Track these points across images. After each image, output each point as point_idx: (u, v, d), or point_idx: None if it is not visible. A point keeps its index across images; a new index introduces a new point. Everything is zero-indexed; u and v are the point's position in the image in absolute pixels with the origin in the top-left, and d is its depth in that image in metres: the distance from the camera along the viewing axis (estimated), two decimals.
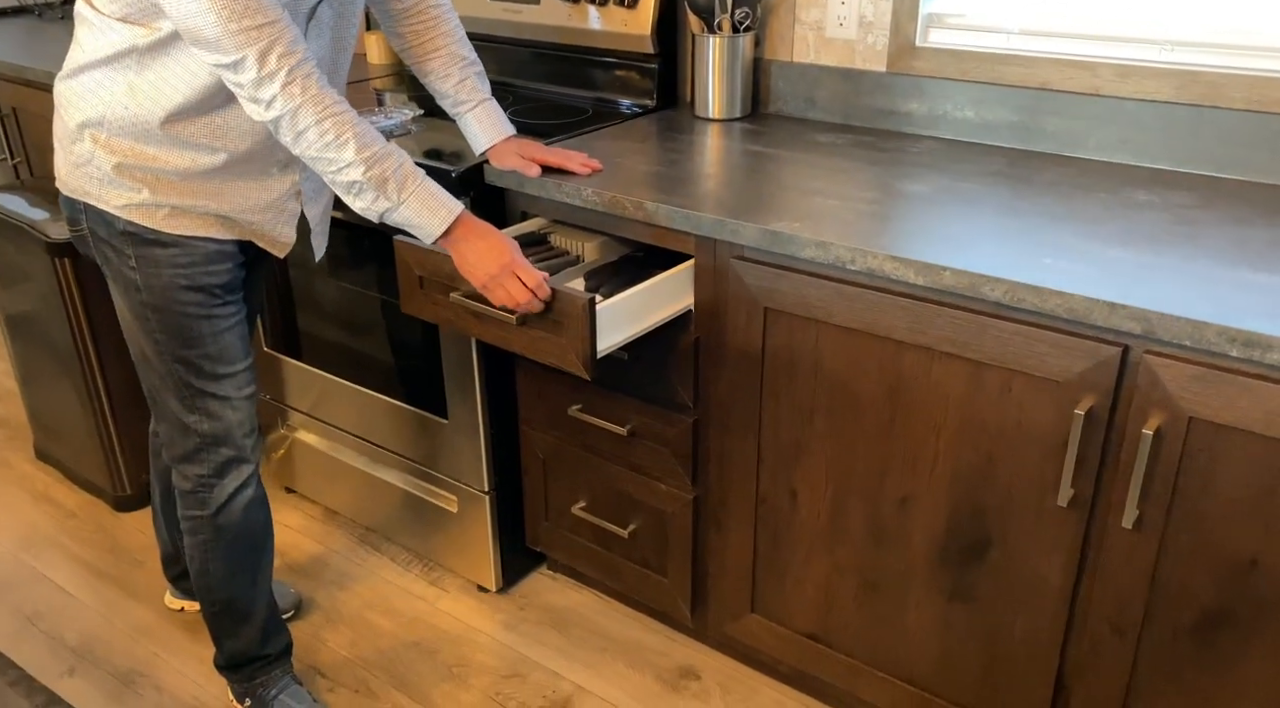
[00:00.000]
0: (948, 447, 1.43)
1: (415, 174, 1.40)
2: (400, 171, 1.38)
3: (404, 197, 1.39)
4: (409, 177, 1.39)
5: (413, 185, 1.39)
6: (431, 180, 1.42)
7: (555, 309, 1.44)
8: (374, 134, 1.37)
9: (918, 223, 1.46)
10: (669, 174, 1.70)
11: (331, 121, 1.32)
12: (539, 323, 1.48)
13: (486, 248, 1.43)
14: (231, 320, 1.60)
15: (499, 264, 1.43)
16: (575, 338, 1.44)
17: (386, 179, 1.37)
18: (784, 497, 1.64)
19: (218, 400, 1.61)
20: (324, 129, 1.33)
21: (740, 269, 1.53)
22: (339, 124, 1.33)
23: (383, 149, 1.37)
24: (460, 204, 1.44)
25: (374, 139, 1.37)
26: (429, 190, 1.41)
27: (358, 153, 1.34)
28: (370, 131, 1.36)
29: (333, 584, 2.16)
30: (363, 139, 1.35)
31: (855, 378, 1.48)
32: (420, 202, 1.40)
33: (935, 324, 1.36)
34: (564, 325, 1.44)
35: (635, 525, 1.88)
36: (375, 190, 1.37)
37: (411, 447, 2.10)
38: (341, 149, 1.34)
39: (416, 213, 1.40)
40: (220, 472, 1.65)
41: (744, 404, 1.62)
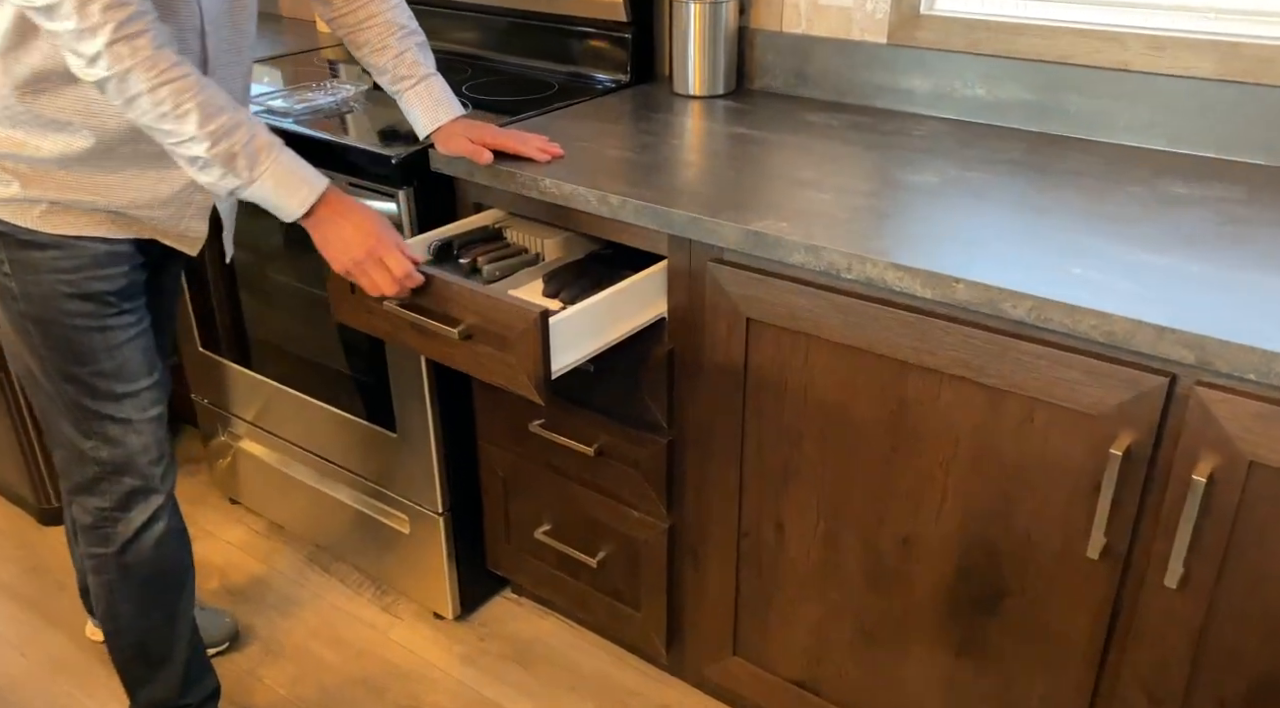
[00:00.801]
0: (958, 482, 1.23)
1: (270, 148, 1.21)
2: (251, 146, 1.19)
3: (257, 173, 1.20)
4: (262, 151, 1.20)
5: (267, 161, 1.20)
6: (291, 154, 1.23)
7: (501, 322, 1.24)
8: (222, 103, 1.17)
9: (923, 221, 1.26)
10: (640, 161, 1.49)
11: (169, 89, 1.13)
12: (485, 338, 1.27)
13: (351, 229, 1.25)
14: (131, 332, 1.39)
15: (363, 248, 1.25)
16: (526, 357, 1.24)
17: (235, 155, 1.18)
18: (770, 530, 1.45)
19: (117, 424, 1.40)
20: (159, 98, 1.13)
21: (719, 274, 1.33)
22: (178, 92, 1.13)
23: (230, 120, 1.17)
24: (325, 181, 1.25)
25: (220, 109, 1.17)
26: (286, 166, 1.22)
27: (200, 126, 1.15)
28: (218, 100, 1.17)
29: (275, 610, 1.97)
30: (207, 109, 1.15)
31: (851, 401, 1.28)
32: (276, 179, 1.21)
33: (945, 343, 1.17)
34: (512, 342, 1.24)
35: (605, 554, 1.68)
36: (222, 167, 1.18)
37: (359, 462, 1.90)
38: (181, 121, 1.14)
39: (272, 192, 1.22)
40: (124, 504, 1.45)
41: (724, 426, 1.42)
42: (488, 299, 1.24)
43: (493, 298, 1.24)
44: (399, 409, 1.76)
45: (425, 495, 1.80)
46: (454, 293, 1.27)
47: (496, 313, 1.24)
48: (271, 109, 1.76)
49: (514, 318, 1.23)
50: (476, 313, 1.26)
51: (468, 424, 1.79)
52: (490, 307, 1.24)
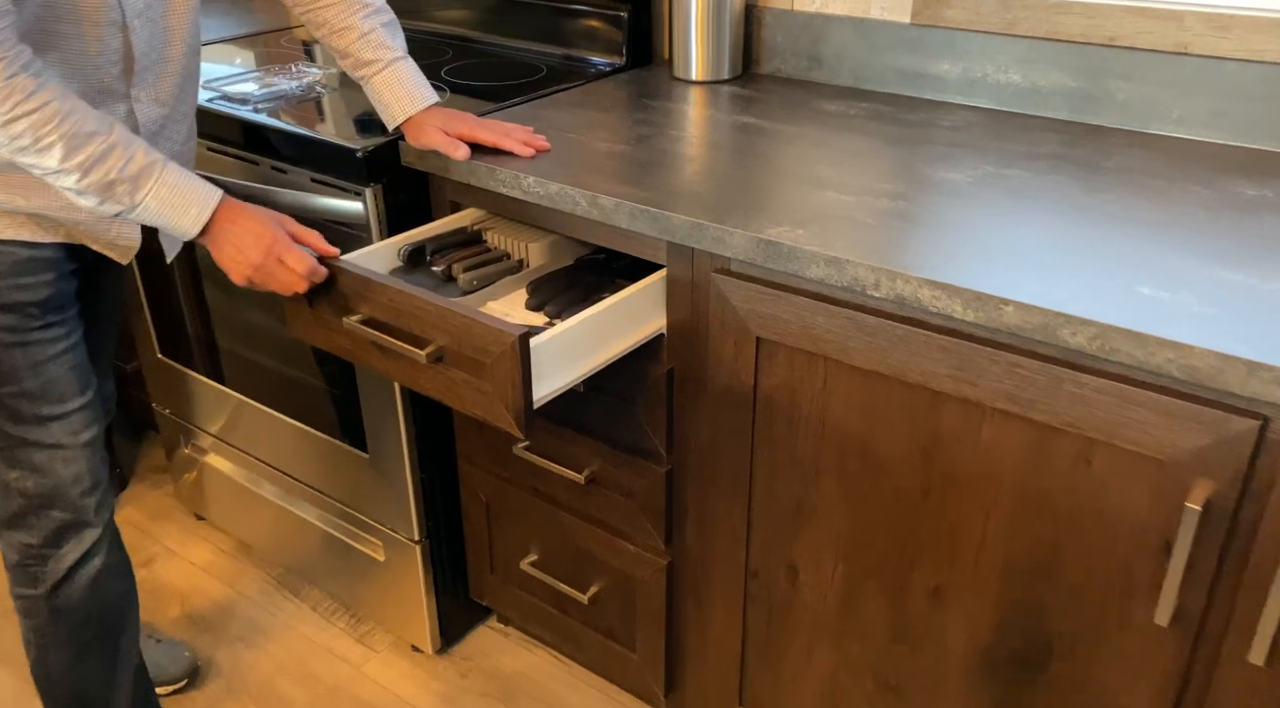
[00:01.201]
0: (1000, 529, 1.08)
1: (150, 169, 1.10)
2: (129, 169, 1.08)
3: (139, 198, 1.10)
4: (142, 173, 1.09)
5: (149, 183, 1.10)
6: (177, 171, 1.12)
7: (475, 344, 1.08)
8: (91, 128, 1.06)
9: (959, 228, 1.10)
10: (636, 156, 1.32)
11: (26, 123, 1.02)
12: (457, 362, 1.11)
13: (244, 235, 1.15)
14: (58, 347, 1.23)
15: (258, 250, 1.15)
16: (503, 384, 1.08)
17: (111, 182, 1.08)
18: (781, 571, 1.29)
19: (44, 450, 1.25)
20: (14, 133, 1.03)
21: (725, 286, 1.16)
22: (37, 126, 1.03)
23: (101, 147, 1.06)
24: (217, 195, 1.15)
25: (89, 136, 1.06)
26: (171, 184, 1.11)
27: (64, 159, 1.05)
28: (85, 126, 1.05)
29: (240, 641, 1.82)
30: (72, 140, 1.05)
31: (877, 433, 1.12)
32: (162, 202, 1.11)
33: (988, 373, 1.01)
34: (488, 367, 1.08)
35: (597, 589, 1.53)
36: (99, 196, 1.08)
37: (329, 483, 1.74)
38: (43, 155, 1.04)
39: (160, 215, 1.12)
40: (54, 540, 1.29)
41: (731, 455, 1.26)
42: (459, 318, 1.08)
43: (464, 317, 1.07)
44: (370, 427, 1.60)
45: (400, 522, 1.65)
46: (420, 309, 1.11)
47: (470, 334, 1.08)
48: (228, 96, 1.59)
49: (489, 340, 1.06)
50: (447, 332, 1.10)
51: (447, 442, 1.63)
52: (462, 327, 1.08)
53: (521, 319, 1.28)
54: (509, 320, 1.07)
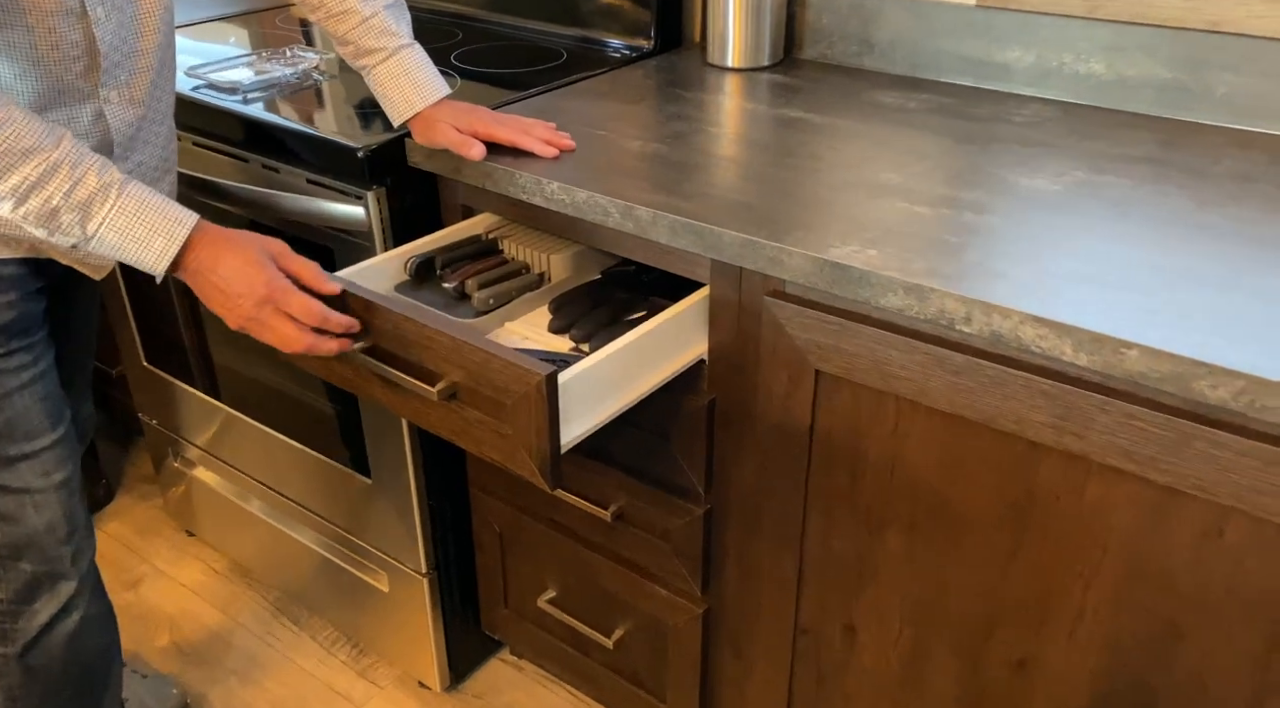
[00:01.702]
0: (1103, 602, 0.93)
1: (104, 193, 0.92)
2: (75, 195, 0.91)
3: (94, 229, 0.93)
4: (94, 199, 0.92)
5: (102, 210, 0.92)
6: (139, 193, 0.94)
7: (494, 383, 0.93)
8: (28, 143, 0.89)
9: (1056, 248, 0.94)
10: (672, 157, 1.16)
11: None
12: (474, 401, 0.96)
13: (231, 278, 0.96)
14: (24, 376, 1.08)
15: (251, 299, 0.96)
16: (525, 428, 0.93)
17: (55, 210, 0.91)
18: (836, 630, 1.15)
19: (10, 496, 1.10)
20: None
21: (779, 312, 1.01)
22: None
23: (40, 169, 0.89)
24: (188, 224, 0.96)
25: (25, 154, 0.89)
26: (131, 212, 0.93)
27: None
28: (21, 141, 0.88)
29: (234, 675, 1.68)
30: (1, 160, 0.88)
31: (958, 486, 0.97)
32: (120, 233, 0.93)
33: (1099, 424, 0.85)
34: (509, 409, 0.93)
35: (623, 633, 1.39)
36: (46, 224, 0.92)
37: (328, 508, 1.59)
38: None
39: (119, 248, 0.94)
40: (25, 595, 1.15)
41: (780, 500, 1.11)
42: (476, 352, 0.93)
43: (482, 351, 0.92)
44: (373, 451, 1.45)
45: (406, 553, 1.50)
46: (432, 340, 0.96)
47: (488, 370, 0.93)
48: (214, 84, 1.43)
49: (510, 379, 0.91)
50: (462, 367, 0.95)
51: (458, 466, 1.48)
52: (480, 362, 0.93)
53: (545, 344, 1.13)
54: (531, 356, 0.92)
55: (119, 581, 1.87)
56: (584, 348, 1.12)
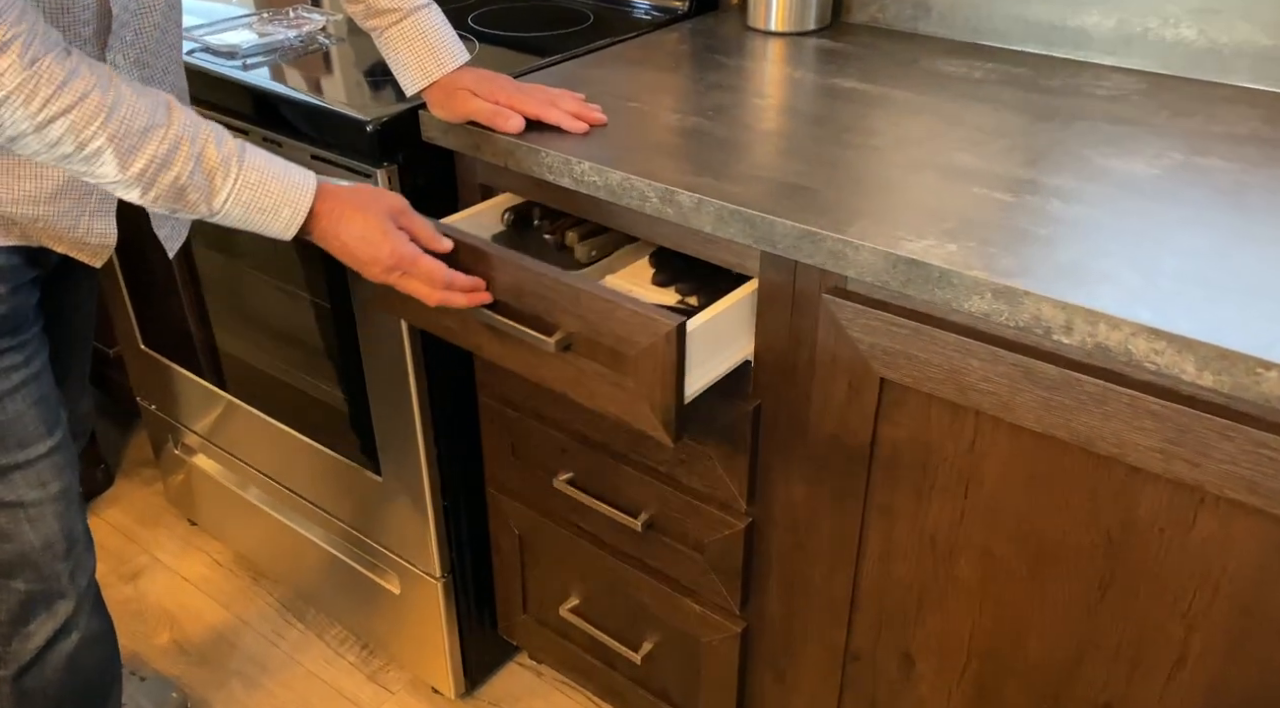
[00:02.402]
0: (1207, 645, 0.82)
1: (227, 167, 0.86)
2: (201, 171, 0.85)
3: (218, 205, 0.87)
4: (217, 171, 0.86)
5: (227, 183, 0.86)
6: (261, 163, 0.88)
7: (616, 333, 0.87)
8: (144, 122, 0.82)
9: (1161, 245, 0.82)
10: (715, 133, 1.04)
11: (65, 124, 0.78)
12: (591, 352, 0.90)
13: (356, 245, 0.92)
14: (16, 378, 0.98)
15: (380, 266, 0.92)
16: (650, 381, 0.87)
17: (183, 189, 0.85)
18: (892, 660, 1.04)
19: (3, 510, 1.01)
20: (51, 138, 0.78)
21: (840, 312, 0.90)
22: (78, 126, 0.78)
23: (162, 148, 0.83)
24: (309, 188, 0.90)
25: (144, 134, 0.82)
26: (254, 184, 0.88)
27: (121, 168, 0.82)
28: (136, 120, 0.81)
29: (238, 677, 1.59)
30: (124, 142, 0.81)
31: (1044, 512, 0.86)
32: (246, 206, 0.88)
33: (1217, 452, 0.74)
34: (632, 361, 0.87)
35: (651, 646, 1.29)
36: (172, 204, 0.85)
37: (336, 505, 1.49)
38: (93, 162, 0.81)
39: (245, 220, 0.89)
40: (19, 616, 1.06)
41: (834, 517, 1.00)
42: (599, 301, 0.88)
43: (606, 300, 0.87)
44: (384, 447, 1.35)
45: (419, 556, 1.40)
46: (550, 289, 0.91)
47: (611, 321, 0.87)
48: (211, 48, 1.31)
49: (636, 329, 0.86)
50: (580, 317, 0.89)
51: (474, 465, 1.38)
52: (602, 311, 0.88)
53: (649, 298, 1.05)
54: (660, 308, 0.85)
55: (117, 573, 1.78)
56: (691, 300, 1.05)
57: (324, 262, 1.25)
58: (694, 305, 1.04)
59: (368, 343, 1.27)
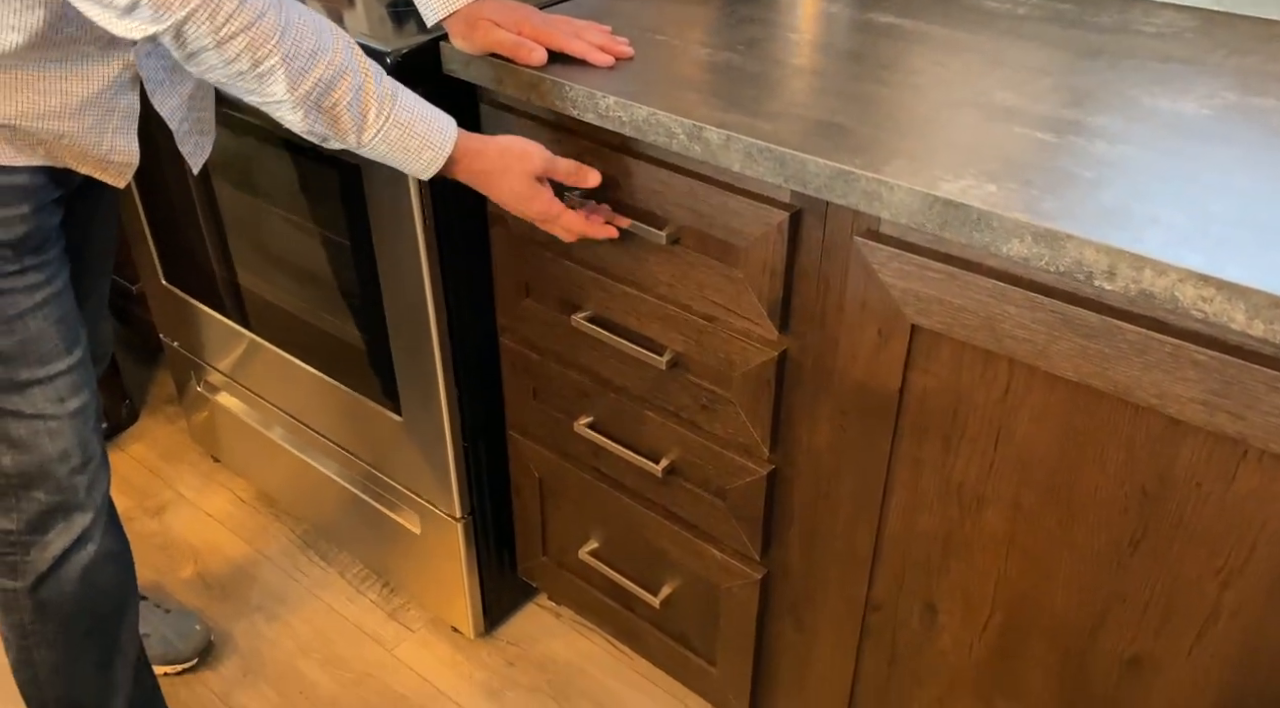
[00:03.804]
0: (1240, 602, 0.80)
1: (382, 102, 0.91)
2: (358, 102, 0.90)
3: (367, 138, 0.92)
4: (371, 106, 0.91)
5: (380, 119, 0.91)
6: (411, 104, 0.93)
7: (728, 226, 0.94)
8: (313, 45, 0.86)
9: (1209, 188, 0.78)
10: (746, 68, 1.01)
11: (244, 41, 0.82)
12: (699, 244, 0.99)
13: (503, 201, 1.00)
14: (37, 296, 0.99)
15: (526, 218, 1.02)
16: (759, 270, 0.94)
17: (338, 116, 0.89)
18: (914, 609, 1.03)
19: (23, 421, 1.02)
20: (229, 54, 0.83)
21: (872, 255, 0.87)
22: (255, 43, 0.82)
23: (328, 72, 0.87)
24: (451, 132, 0.95)
25: (313, 56, 0.86)
26: (404, 124, 0.93)
27: (290, 88, 0.86)
28: (306, 43, 0.85)
29: (259, 611, 1.61)
30: (294, 61, 0.85)
31: (1077, 463, 0.84)
32: (391, 144, 0.93)
33: (1263, 404, 0.71)
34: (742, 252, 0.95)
35: (670, 590, 1.28)
36: (326, 129, 0.90)
37: (357, 444, 1.49)
38: (264, 81, 0.85)
39: (388, 157, 0.95)
40: (38, 525, 1.07)
41: (859, 466, 0.99)
42: (714, 193, 0.93)
43: (721, 192, 0.92)
44: (404, 386, 1.34)
45: (439, 496, 1.40)
46: (664, 183, 0.96)
47: (723, 212, 0.93)
48: None
49: (749, 220, 0.92)
50: (692, 210, 0.95)
51: (495, 406, 1.37)
52: (716, 204, 0.93)
53: None
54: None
55: (142, 507, 1.80)
56: None
57: (344, 200, 1.23)
58: None
59: (388, 282, 1.25)
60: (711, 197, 0.94)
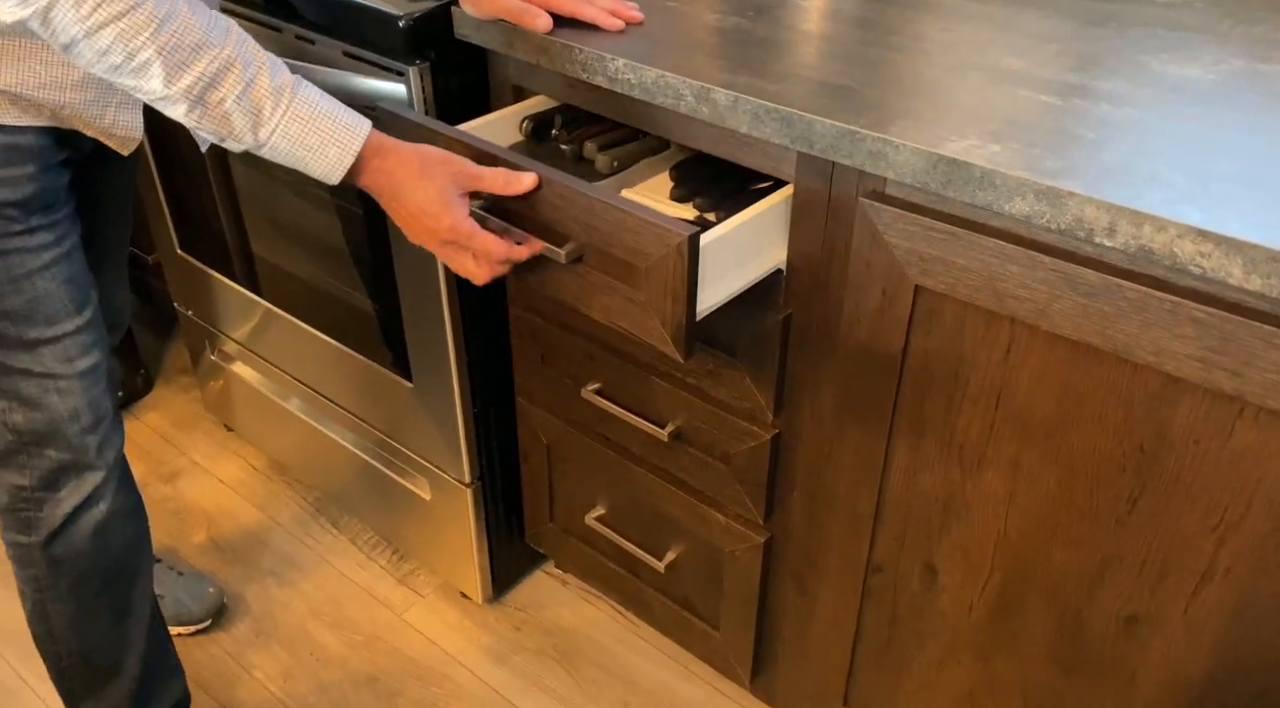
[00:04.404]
0: (1236, 559, 0.81)
1: (278, 95, 0.85)
2: (250, 96, 0.84)
3: (264, 135, 0.86)
4: (265, 101, 0.84)
5: (276, 114, 0.85)
6: (310, 96, 0.87)
7: (627, 244, 0.85)
8: (196, 37, 0.81)
9: (1212, 149, 0.79)
10: (755, 33, 1.02)
11: (114, 31, 0.78)
12: (602, 264, 0.89)
13: (414, 213, 0.90)
14: (45, 256, 1.00)
15: (436, 240, 0.91)
16: (661, 294, 0.85)
17: (227, 113, 0.84)
18: (914, 570, 1.04)
19: (33, 380, 1.03)
20: (101, 45, 0.79)
21: (878, 216, 0.88)
22: (127, 34, 0.79)
23: (212, 64, 0.82)
24: (362, 129, 0.88)
25: (195, 49, 0.81)
26: (304, 118, 0.86)
27: (168, 82, 0.81)
28: (189, 34, 0.81)
29: (271, 576, 1.64)
30: (173, 54, 0.80)
31: (1076, 422, 0.85)
32: (292, 140, 0.86)
33: (1261, 360, 0.72)
34: (643, 274, 0.85)
35: (675, 555, 1.30)
36: (215, 128, 0.85)
37: (368, 410, 1.51)
38: (141, 76, 0.81)
39: (290, 155, 0.87)
40: (50, 483, 1.09)
41: (861, 428, 1.00)
42: (611, 211, 0.85)
43: (618, 210, 0.84)
44: (415, 354, 1.36)
45: (449, 462, 1.42)
46: (563, 198, 0.88)
47: (622, 231, 0.85)
48: None
49: (648, 240, 0.83)
50: (591, 227, 0.87)
51: (504, 373, 1.38)
52: (614, 221, 0.85)
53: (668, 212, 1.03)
54: (673, 218, 0.83)
55: (156, 473, 1.83)
56: (710, 216, 1.03)
57: None
58: (711, 222, 1.02)
59: (400, 251, 1.26)
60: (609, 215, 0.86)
